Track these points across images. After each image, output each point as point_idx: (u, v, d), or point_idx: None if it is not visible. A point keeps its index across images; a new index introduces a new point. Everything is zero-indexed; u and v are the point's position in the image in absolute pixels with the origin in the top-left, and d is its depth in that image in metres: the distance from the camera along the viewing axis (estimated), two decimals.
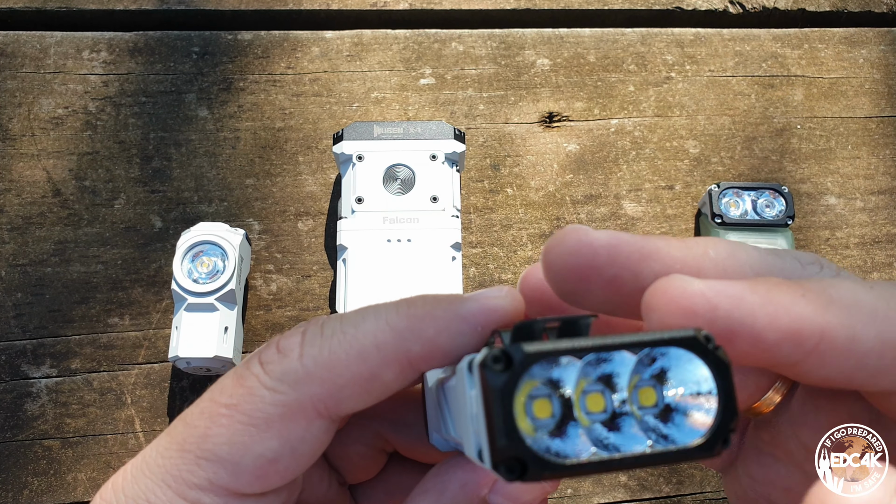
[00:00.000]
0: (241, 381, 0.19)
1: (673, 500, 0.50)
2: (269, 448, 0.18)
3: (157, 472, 0.19)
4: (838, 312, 0.16)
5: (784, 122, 0.61)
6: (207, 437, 0.19)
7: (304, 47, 0.61)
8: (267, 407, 0.18)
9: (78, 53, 0.59)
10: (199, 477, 0.19)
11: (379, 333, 0.18)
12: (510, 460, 0.15)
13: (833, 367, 0.17)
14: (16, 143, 0.56)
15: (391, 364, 0.18)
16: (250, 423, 0.18)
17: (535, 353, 0.15)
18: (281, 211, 0.56)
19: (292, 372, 0.18)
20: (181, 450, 0.19)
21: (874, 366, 0.17)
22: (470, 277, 0.55)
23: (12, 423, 0.49)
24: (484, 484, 0.20)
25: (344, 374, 0.18)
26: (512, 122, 0.59)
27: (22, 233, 0.54)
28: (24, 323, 0.52)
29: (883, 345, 0.16)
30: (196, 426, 0.19)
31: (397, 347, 0.18)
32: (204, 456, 0.19)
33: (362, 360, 0.18)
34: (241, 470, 0.19)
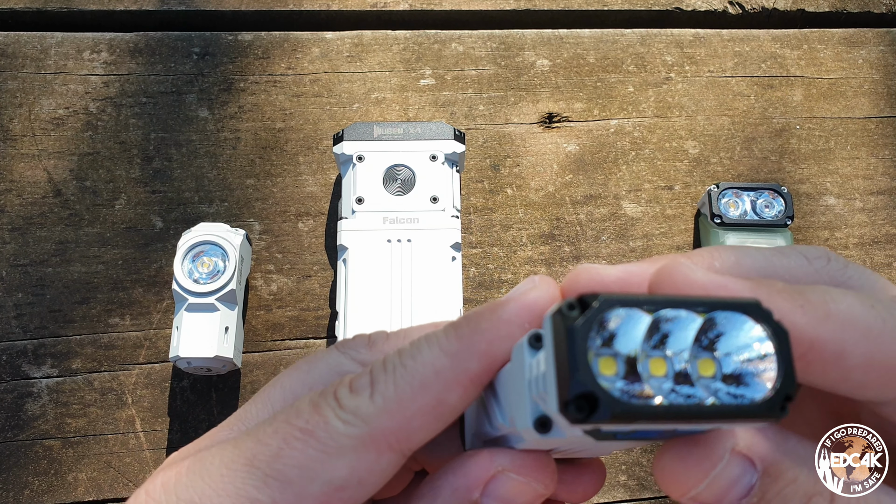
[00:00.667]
0: (317, 410, 0.19)
1: (672, 501, 0.50)
2: (338, 476, 0.19)
3: (219, 482, 0.19)
4: (832, 327, 0.17)
5: (783, 123, 0.61)
6: (279, 458, 0.19)
7: (305, 48, 0.61)
8: (341, 437, 0.19)
9: (78, 54, 0.59)
10: (263, 494, 0.19)
11: (436, 361, 0.19)
12: (580, 399, 0.15)
13: (819, 375, 0.18)
14: (17, 144, 0.56)
15: (453, 387, 0.19)
16: (324, 450, 0.19)
17: (611, 297, 0.16)
18: (281, 211, 0.56)
19: (364, 407, 0.19)
20: (249, 465, 0.19)
21: (859, 380, 0.17)
22: (470, 277, 0.55)
23: (13, 422, 0.50)
24: (475, 487, 0.20)
25: (411, 406, 0.19)
26: (512, 122, 0.60)
27: (23, 233, 0.54)
28: (25, 323, 0.52)
29: (869, 363, 0.17)
30: (269, 444, 0.19)
31: (455, 369, 0.19)
32: (273, 475, 0.19)
33: (426, 390, 0.19)
34: (306, 494, 0.19)
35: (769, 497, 0.18)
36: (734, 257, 0.20)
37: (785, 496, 0.18)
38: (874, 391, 0.18)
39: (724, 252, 0.20)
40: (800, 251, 0.20)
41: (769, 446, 0.18)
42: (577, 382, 0.15)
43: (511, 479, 0.20)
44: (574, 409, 0.15)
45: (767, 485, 0.18)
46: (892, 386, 0.18)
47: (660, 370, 0.16)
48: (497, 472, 0.20)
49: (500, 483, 0.20)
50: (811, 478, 0.18)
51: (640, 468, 0.51)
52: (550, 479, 0.20)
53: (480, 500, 0.20)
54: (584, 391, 0.15)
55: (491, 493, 0.20)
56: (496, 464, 0.20)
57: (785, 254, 0.20)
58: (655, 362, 0.16)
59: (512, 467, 0.20)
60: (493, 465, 0.20)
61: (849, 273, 0.20)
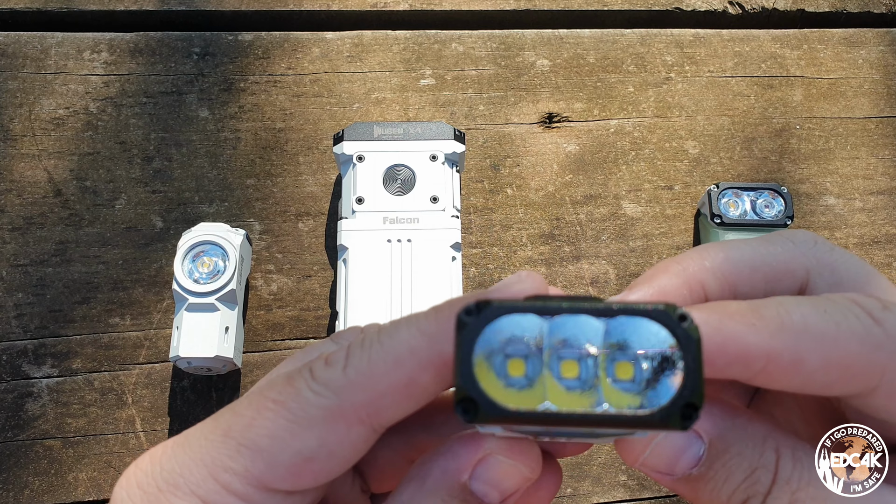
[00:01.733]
0: (290, 382, 0.20)
1: (672, 500, 0.50)
2: (307, 447, 0.19)
3: (197, 452, 0.20)
4: (786, 338, 0.18)
5: (783, 123, 0.61)
6: (252, 427, 0.20)
7: (305, 48, 0.61)
8: (311, 408, 0.19)
9: (79, 54, 0.59)
10: (236, 462, 0.19)
11: (412, 339, 0.19)
12: (466, 401, 0.16)
13: (782, 383, 0.19)
14: (17, 144, 0.56)
15: (427, 367, 0.19)
16: (294, 420, 0.19)
17: (500, 304, 0.16)
18: (281, 211, 0.56)
19: (336, 379, 0.20)
20: (225, 435, 0.20)
21: (822, 381, 0.18)
22: (470, 277, 0.55)
23: (13, 422, 0.50)
24: (464, 469, 0.20)
25: (383, 380, 0.19)
26: (512, 122, 0.60)
27: (23, 233, 0.54)
28: (26, 323, 0.52)
29: (827, 365, 0.18)
30: (243, 415, 0.20)
31: (430, 350, 0.19)
32: (245, 444, 0.19)
33: (399, 366, 0.19)
34: (277, 463, 0.19)
35: (716, 467, 0.19)
36: (722, 253, 0.21)
37: (730, 468, 0.19)
38: (840, 388, 0.19)
39: (713, 250, 0.20)
40: (786, 236, 0.21)
41: (715, 421, 0.19)
42: (458, 387, 0.16)
43: (499, 461, 0.20)
44: (461, 411, 0.16)
45: (714, 456, 0.19)
46: (856, 381, 0.18)
47: (570, 372, 0.16)
48: (486, 455, 0.20)
49: (489, 465, 0.20)
50: (756, 452, 0.19)
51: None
52: (536, 462, 0.20)
53: (469, 482, 0.20)
54: (465, 395, 0.16)
55: (479, 475, 0.20)
56: (484, 447, 0.20)
57: (772, 241, 0.21)
58: (567, 364, 0.16)
59: (500, 450, 0.20)
60: (481, 448, 0.20)
61: (835, 256, 0.21)
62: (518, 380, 0.16)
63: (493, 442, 0.20)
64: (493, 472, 0.20)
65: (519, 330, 0.16)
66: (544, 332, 0.16)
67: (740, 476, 0.19)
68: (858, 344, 0.18)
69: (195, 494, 0.19)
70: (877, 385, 0.18)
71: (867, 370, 0.18)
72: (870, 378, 0.18)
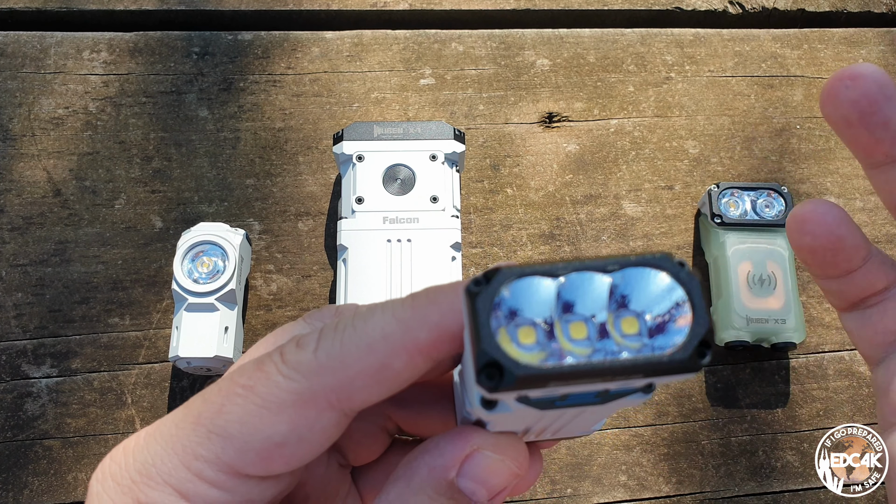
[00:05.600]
0: (260, 367, 0.20)
1: (672, 500, 0.50)
2: (277, 431, 0.19)
3: (169, 441, 0.20)
4: None
5: (783, 123, 0.61)
6: (221, 414, 0.19)
7: (305, 47, 0.61)
8: (281, 392, 0.19)
9: (78, 54, 0.59)
10: (207, 450, 0.19)
11: (386, 325, 0.19)
12: (488, 367, 0.15)
13: None
14: (16, 144, 0.56)
15: (399, 353, 0.19)
16: (263, 405, 0.19)
17: (509, 269, 0.16)
18: (281, 211, 0.56)
19: (307, 363, 0.19)
20: (195, 423, 0.20)
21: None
22: (470, 277, 0.55)
23: (13, 422, 0.50)
24: (451, 466, 0.20)
25: (354, 365, 0.19)
26: (512, 122, 0.60)
27: (22, 233, 0.54)
28: (25, 323, 0.52)
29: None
30: (213, 402, 0.20)
31: (404, 336, 0.19)
32: (215, 430, 0.19)
33: (371, 351, 0.19)
34: (247, 449, 0.19)
35: None
36: None
37: None
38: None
39: None
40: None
41: None
42: (481, 352, 0.15)
43: (486, 457, 0.20)
44: (485, 378, 0.15)
45: None
46: None
47: (580, 333, 0.16)
48: (472, 451, 0.20)
49: (476, 462, 0.20)
50: None
51: (640, 468, 0.51)
52: (524, 458, 0.20)
53: (457, 480, 0.20)
54: (489, 359, 0.15)
55: (467, 472, 0.20)
56: (471, 442, 0.20)
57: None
58: (575, 326, 0.16)
59: (486, 445, 0.20)
60: (468, 444, 0.20)
61: None
62: (531, 346, 0.16)
63: (481, 437, 0.20)
64: (480, 469, 0.20)
65: (529, 294, 0.16)
66: (552, 294, 0.16)
67: None
68: None
69: (168, 483, 0.19)
70: None
71: None
72: None
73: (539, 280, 0.16)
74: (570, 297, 0.17)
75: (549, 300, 0.16)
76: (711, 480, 0.51)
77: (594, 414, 0.19)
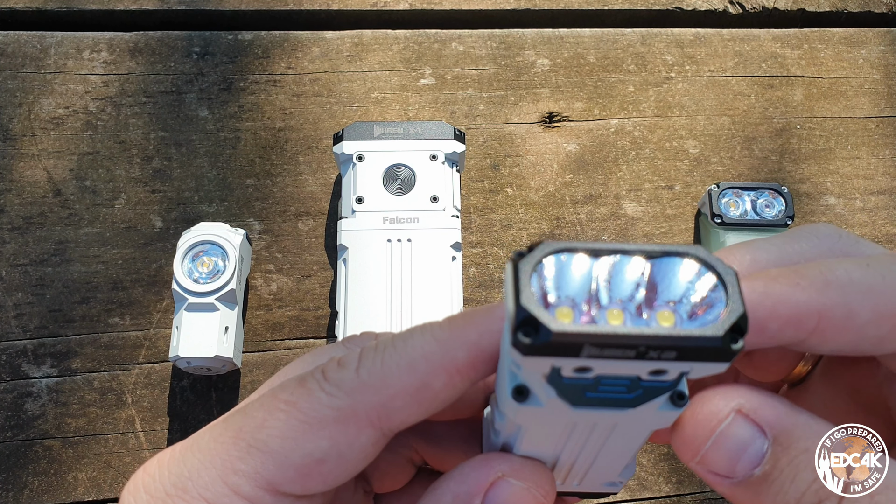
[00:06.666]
0: (302, 384, 0.20)
1: (673, 500, 0.50)
2: (318, 448, 0.19)
3: (207, 454, 0.20)
4: (834, 293, 0.18)
5: (784, 123, 0.61)
6: (263, 428, 0.19)
7: (305, 47, 0.61)
8: (323, 409, 0.19)
9: (78, 53, 0.59)
10: (246, 464, 0.19)
11: (426, 345, 0.19)
12: (526, 323, 0.15)
13: (836, 341, 0.18)
14: (16, 143, 0.56)
15: (439, 372, 0.19)
16: (305, 420, 0.19)
17: (552, 243, 0.16)
18: (281, 211, 0.56)
19: (349, 381, 0.19)
20: (235, 437, 0.20)
21: (874, 335, 0.18)
22: (470, 277, 0.55)
23: (13, 422, 0.50)
24: (475, 494, 0.20)
25: (395, 384, 0.19)
26: (512, 122, 0.60)
27: (22, 233, 0.54)
28: (25, 323, 0.52)
29: (879, 317, 0.18)
30: (254, 417, 0.20)
31: (443, 356, 0.19)
32: (256, 445, 0.19)
33: (412, 370, 0.19)
34: (287, 464, 0.19)
35: (782, 465, 0.17)
36: (749, 255, 0.20)
37: (797, 465, 0.17)
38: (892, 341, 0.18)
39: (738, 252, 0.20)
40: (810, 232, 0.21)
41: (778, 414, 0.18)
42: (520, 308, 0.16)
43: (511, 485, 0.19)
44: (522, 335, 0.15)
45: (779, 453, 0.17)
46: None
47: (616, 320, 0.16)
48: (497, 479, 0.19)
49: (501, 489, 0.19)
50: None
51: (640, 468, 0.51)
52: (550, 485, 0.20)
53: None
54: (526, 315, 0.15)
55: (491, 500, 0.19)
56: (496, 469, 0.20)
57: (796, 238, 0.20)
58: (612, 313, 0.16)
59: (511, 472, 0.19)
60: (492, 471, 0.20)
61: (860, 248, 0.21)
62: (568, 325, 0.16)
63: (506, 463, 0.20)
64: (505, 497, 0.19)
65: (569, 269, 0.17)
66: (592, 272, 0.17)
67: (809, 475, 0.17)
68: None
69: (203, 498, 0.19)
70: None
71: None
72: None
73: (581, 256, 0.17)
74: (608, 278, 0.17)
75: (587, 277, 0.17)
76: None
77: (623, 437, 0.19)
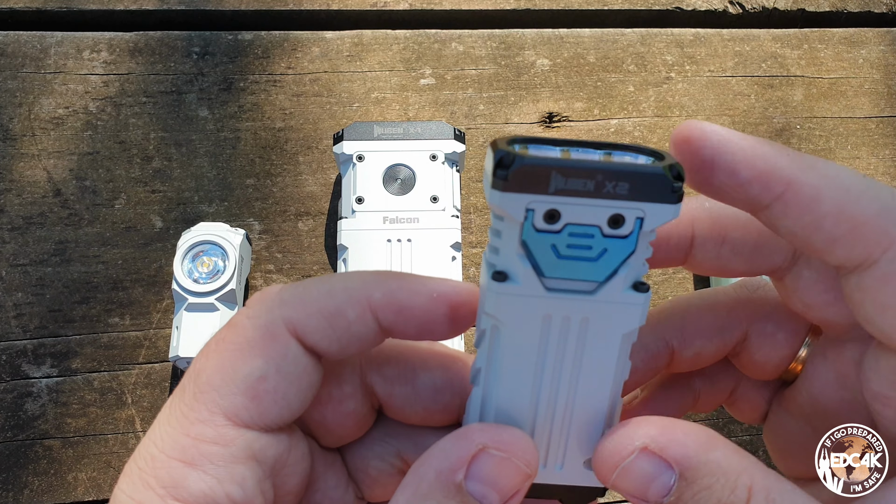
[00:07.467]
0: (228, 323, 0.21)
1: None
2: (255, 367, 0.20)
3: (164, 422, 0.20)
4: (812, 174, 0.19)
5: (784, 123, 0.61)
6: (201, 373, 0.20)
7: (305, 47, 0.61)
8: (247, 332, 0.20)
9: (78, 53, 0.59)
10: (198, 410, 0.20)
11: (348, 280, 0.21)
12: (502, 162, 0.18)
13: (794, 218, 0.19)
14: (16, 143, 0.56)
15: (354, 304, 0.21)
16: (236, 348, 0.20)
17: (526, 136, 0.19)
18: (281, 211, 0.56)
19: (269, 300, 0.21)
20: (181, 395, 0.20)
21: (830, 231, 0.19)
22: (470, 277, 0.55)
23: (13, 422, 0.50)
24: (457, 468, 0.19)
25: (313, 305, 0.20)
26: (512, 122, 0.60)
27: (22, 233, 0.54)
28: (25, 323, 0.52)
29: (841, 213, 0.18)
30: (193, 369, 0.21)
31: (361, 291, 0.21)
32: (201, 389, 0.20)
33: (330, 295, 0.21)
34: (234, 392, 0.20)
35: (685, 499, 0.19)
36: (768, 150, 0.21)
37: (698, 501, 0.19)
38: (842, 250, 0.19)
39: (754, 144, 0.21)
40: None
41: (686, 452, 0.19)
42: (498, 150, 0.18)
43: (492, 455, 0.19)
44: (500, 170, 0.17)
45: (683, 487, 0.19)
46: (859, 246, 0.18)
47: None
48: (478, 451, 0.19)
49: (483, 462, 0.19)
50: (726, 487, 0.18)
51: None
52: (532, 454, 0.20)
53: (465, 483, 0.19)
54: (503, 153, 0.18)
55: (474, 474, 0.19)
56: (476, 441, 0.19)
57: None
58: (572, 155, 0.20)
59: (491, 443, 0.19)
60: (472, 444, 0.19)
61: None
62: None
63: (484, 434, 0.20)
64: (488, 469, 0.19)
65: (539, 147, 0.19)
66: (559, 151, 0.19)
67: None
68: (877, 209, 0.18)
69: (172, 458, 0.20)
70: (877, 260, 0.18)
71: (875, 237, 0.18)
72: (874, 247, 0.18)
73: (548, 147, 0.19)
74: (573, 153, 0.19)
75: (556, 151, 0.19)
76: None
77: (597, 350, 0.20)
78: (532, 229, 0.18)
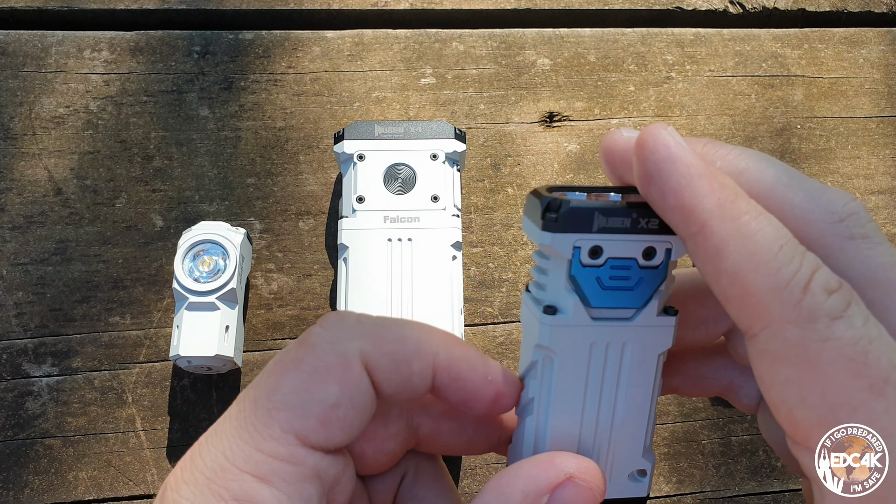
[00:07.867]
0: (303, 341, 0.22)
1: (672, 500, 0.50)
2: (331, 393, 0.21)
3: (233, 434, 0.21)
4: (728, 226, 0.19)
5: (784, 122, 0.61)
6: (277, 390, 0.21)
7: (305, 47, 0.61)
8: (327, 357, 0.21)
9: (79, 53, 0.59)
10: (271, 427, 0.20)
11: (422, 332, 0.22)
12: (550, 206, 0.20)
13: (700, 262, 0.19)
14: (17, 143, 0.56)
15: (421, 357, 0.22)
16: (314, 372, 0.21)
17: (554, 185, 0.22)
18: (282, 210, 0.56)
19: (348, 328, 0.22)
20: (254, 408, 0.21)
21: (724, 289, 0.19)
22: (470, 277, 0.55)
23: (13, 421, 0.50)
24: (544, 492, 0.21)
25: (387, 344, 0.22)
26: (512, 121, 0.60)
27: (23, 232, 0.54)
28: (26, 322, 0.52)
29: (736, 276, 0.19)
30: (266, 385, 0.21)
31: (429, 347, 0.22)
32: (276, 407, 0.21)
33: (403, 342, 0.22)
34: (309, 415, 0.21)
35: None
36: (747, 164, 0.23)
37: None
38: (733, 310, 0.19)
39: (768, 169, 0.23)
40: (832, 199, 0.21)
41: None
42: (545, 197, 0.20)
43: (577, 485, 0.21)
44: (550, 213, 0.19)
45: None
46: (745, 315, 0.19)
47: None
48: (565, 479, 0.21)
49: (568, 490, 0.21)
50: None
51: None
52: (604, 485, 0.22)
53: None
54: (551, 199, 0.20)
55: (557, 499, 0.21)
56: (564, 470, 0.21)
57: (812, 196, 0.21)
58: None
59: (578, 472, 0.21)
60: (561, 472, 0.21)
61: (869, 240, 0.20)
62: None
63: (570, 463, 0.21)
64: (570, 497, 0.21)
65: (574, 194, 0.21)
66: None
67: None
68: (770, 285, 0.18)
69: (245, 472, 0.20)
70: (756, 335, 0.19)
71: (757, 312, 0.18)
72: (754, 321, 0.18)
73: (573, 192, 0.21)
74: None
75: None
76: (712, 480, 0.51)
77: (635, 371, 0.22)
78: (579, 265, 0.20)
